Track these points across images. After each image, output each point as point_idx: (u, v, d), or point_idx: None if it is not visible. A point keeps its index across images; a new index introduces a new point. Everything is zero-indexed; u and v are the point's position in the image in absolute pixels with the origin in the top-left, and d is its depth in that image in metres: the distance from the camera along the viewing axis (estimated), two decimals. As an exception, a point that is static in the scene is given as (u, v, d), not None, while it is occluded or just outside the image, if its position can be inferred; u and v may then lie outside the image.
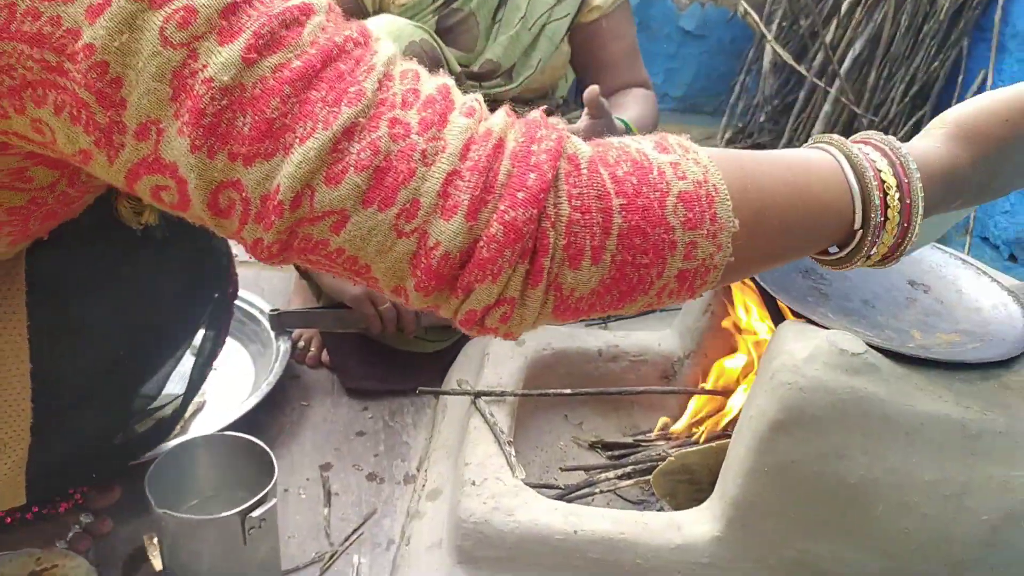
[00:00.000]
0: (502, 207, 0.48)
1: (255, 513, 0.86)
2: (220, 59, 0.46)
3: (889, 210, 0.57)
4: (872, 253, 0.59)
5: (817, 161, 0.58)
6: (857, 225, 0.58)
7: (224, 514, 0.84)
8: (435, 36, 1.25)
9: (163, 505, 0.86)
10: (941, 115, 0.64)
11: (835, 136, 0.61)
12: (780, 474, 0.81)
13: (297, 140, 0.47)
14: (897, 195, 0.57)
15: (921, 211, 0.59)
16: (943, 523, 0.78)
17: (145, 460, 1.01)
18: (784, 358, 0.79)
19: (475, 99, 0.52)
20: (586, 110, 1.17)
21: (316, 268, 0.53)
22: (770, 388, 0.80)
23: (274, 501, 0.88)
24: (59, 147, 0.50)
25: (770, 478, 0.82)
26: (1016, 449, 0.77)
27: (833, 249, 0.62)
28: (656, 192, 0.51)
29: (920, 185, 0.58)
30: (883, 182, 0.57)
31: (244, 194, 0.48)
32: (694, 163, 0.53)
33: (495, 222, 0.48)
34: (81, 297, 0.82)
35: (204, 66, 0.46)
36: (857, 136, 0.62)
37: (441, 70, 0.55)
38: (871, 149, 0.59)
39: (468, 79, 1.30)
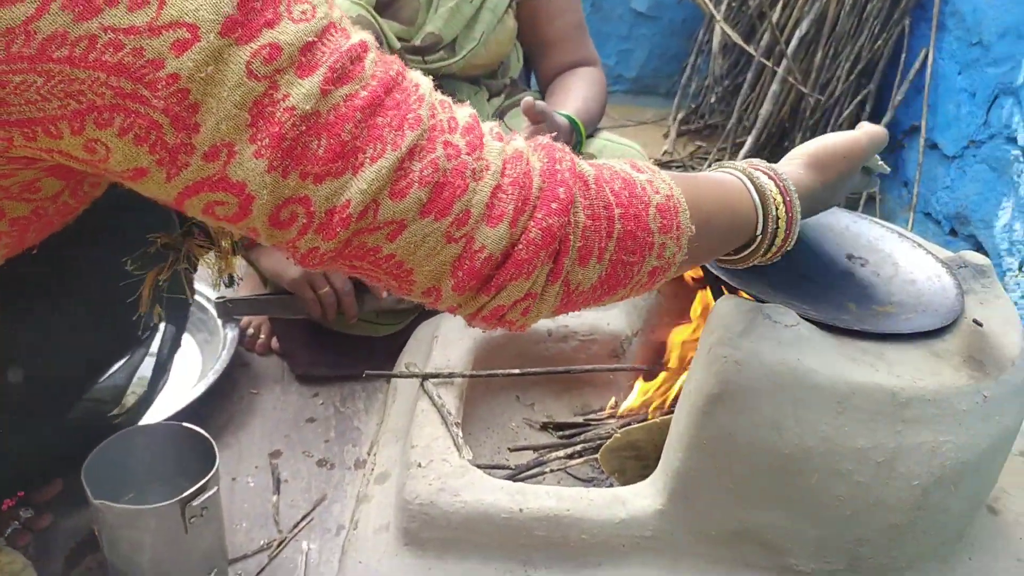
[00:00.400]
0: (539, 215, 0.57)
1: (196, 502, 0.85)
2: (302, 90, 0.51)
3: (779, 220, 0.75)
4: (766, 253, 0.78)
5: (732, 182, 0.75)
6: (759, 231, 0.75)
7: (163, 503, 0.83)
8: (373, 12, 1.23)
9: (102, 496, 0.84)
10: (797, 148, 0.84)
11: (735, 162, 0.79)
12: (718, 446, 0.82)
13: (368, 160, 0.53)
14: (784, 209, 0.75)
15: (799, 220, 0.78)
16: (876, 489, 0.80)
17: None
18: (720, 332, 0.80)
19: (497, 123, 0.61)
20: (526, 119, 1.19)
21: (352, 272, 0.59)
22: (707, 362, 0.81)
23: (215, 489, 0.87)
24: (110, 164, 0.52)
25: (709, 451, 0.83)
26: (944, 415, 0.79)
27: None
28: (642, 203, 0.63)
29: (798, 202, 0.77)
30: (774, 199, 0.75)
31: (310, 208, 0.53)
32: (662, 180, 0.66)
33: (534, 228, 0.57)
34: (52, 306, 0.81)
35: (285, 96, 0.51)
36: (745, 162, 0.79)
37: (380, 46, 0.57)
38: (760, 173, 0.76)
39: (410, 54, 1.28)
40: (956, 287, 0.94)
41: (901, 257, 1.01)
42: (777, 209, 0.75)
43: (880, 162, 0.93)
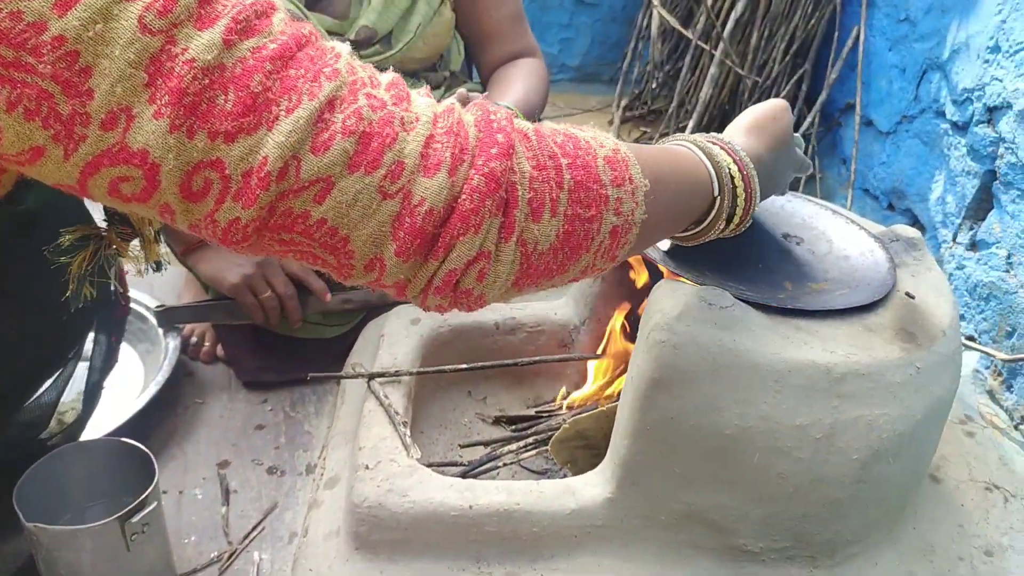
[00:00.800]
0: (479, 162, 0.54)
1: (135, 518, 0.83)
2: (201, 41, 0.47)
3: (734, 179, 0.74)
4: (732, 215, 0.76)
5: (678, 149, 0.75)
6: (716, 192, 0.74)
7: (100, 522, 0.81)
8: (301, 7, 1.21)
9: (37, 519, 0.82)
10: (733, 122, 0.85)
11: (678, 135, 0.78)
12: (662, 431, 0.83)
13: (283, 112, 0.49)
14: (736, 168, 0.75)
15: (755, 177, 0.76)
16: (816, 465, 0.81)
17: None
18: (658, 317, 0.80)
19: (425, 87, 0.59)
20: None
21: (284, 252, 0.55)
22: (646, 347, 0.81)
23: (155, 504, 0.85)
24: (3, 148, 0.49)
25: (653, 436, 0.84)
26: (878, 389, 0.80)
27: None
28: (589, 155, 0.60)
29: (748, 161, 0.76)
30: (724, 159, 0.75)
31: (224, 172, 0.49)
32: (605, 137, 0.64)
33: (475, 175, 0.53)
34: None
35: (184, 49, 0.47)
36: (688, 135, 0.79)
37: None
38: (703, 140, 0.76)
39: None
40: (888, 261, 0.96)
41: (835, 234, 1.02)
42: (729, 168, 0.74)
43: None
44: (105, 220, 0.75)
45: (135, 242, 0.83)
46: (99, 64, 0.46)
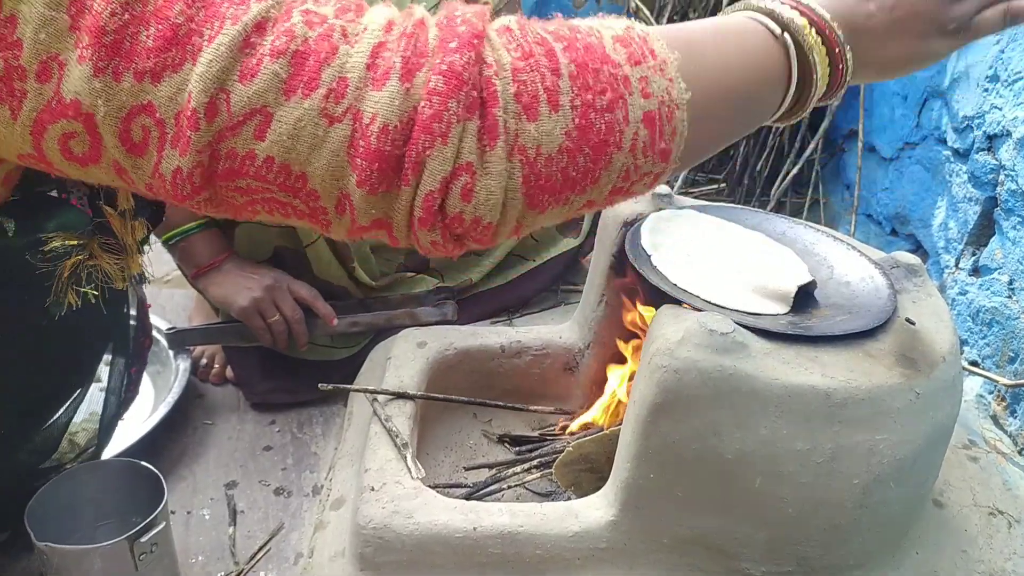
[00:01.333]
0: (437, 61, 0.46)
1: (144, 538, 0.84)
2: None
3: (794, 21, 0.58)
4: (817, 72, 0.59)
5: (713, 19, 0.61)
6: (778, 32, 0.59)
7: (109, 542, 0.82)
8: None
9: (48, 538, 0.83)
10: None
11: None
12: (664, 455, 0.84)
13: (205, 41, 0.45)
14: (797, 12, 0.59)
15: (832, 22, 0.59)
16: (817, 490, 0.82)
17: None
18: (659, 342, 0.82)
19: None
20: None
21: (250, 207, 0.49)
22: (648, 372, 0.82)
23: (163, 524, 0.87)
24: None
25: (656, 460, 0.85)
26: (879, 414, 0.81)
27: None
28: (592, 37, 0.51)
29: (823, 11, 0.59)
30: (783, 13, 0.59)
31: (156, 115, 0.45)
32: (613, 21, 0.54)
33: (433, 76, 0.46)
34: None
35: None
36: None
37: None
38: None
39: None
40: (889, 287, 0.97)
41: (836, 260, 1.03)
42: (794, 20, 0.59)
43: None
44: (88, 230, 0.74)
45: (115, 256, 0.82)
46: (20, 10, 0.44)
